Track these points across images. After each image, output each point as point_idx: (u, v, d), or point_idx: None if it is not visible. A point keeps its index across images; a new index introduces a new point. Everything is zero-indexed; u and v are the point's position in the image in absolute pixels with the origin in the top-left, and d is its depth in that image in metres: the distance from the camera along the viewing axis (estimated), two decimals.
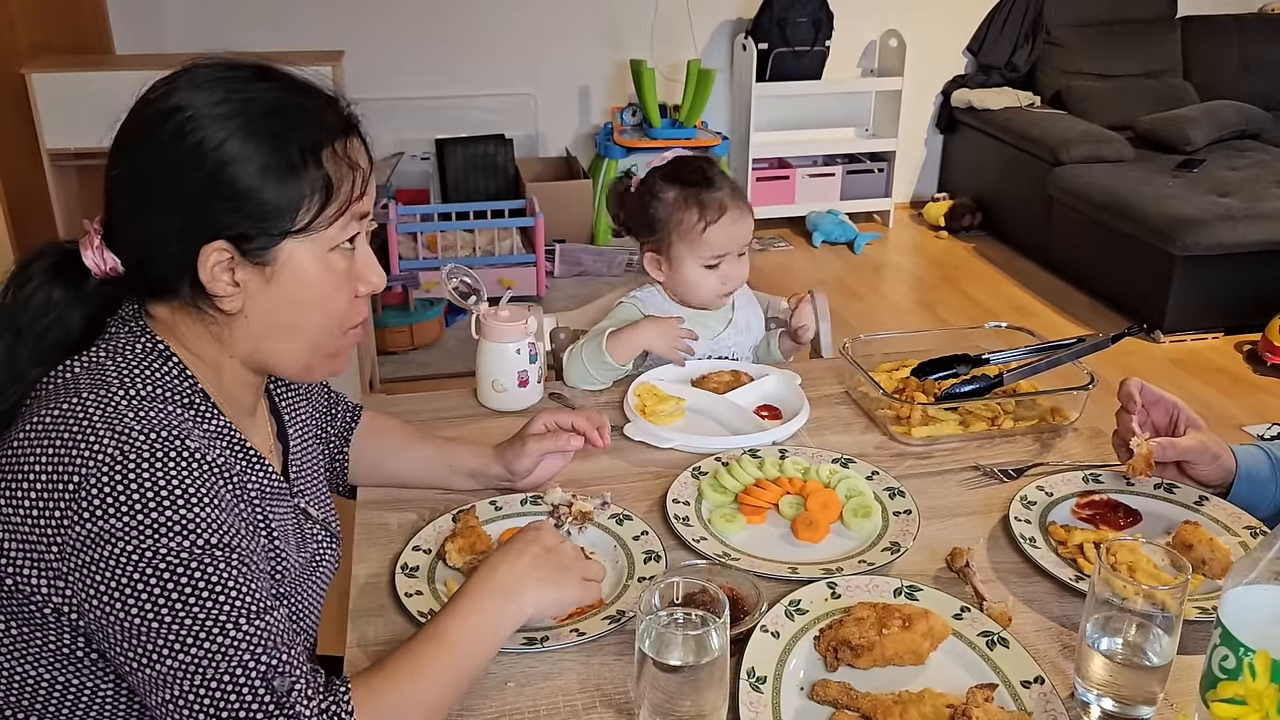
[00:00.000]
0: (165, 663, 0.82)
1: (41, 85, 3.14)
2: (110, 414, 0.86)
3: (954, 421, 1.50)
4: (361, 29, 4.35)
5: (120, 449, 0.83)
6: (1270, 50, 4.89)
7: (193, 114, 0.88)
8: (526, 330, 1.53)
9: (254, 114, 0.90)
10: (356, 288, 0.99)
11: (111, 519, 0.82)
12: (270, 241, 0.91)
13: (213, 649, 0.82)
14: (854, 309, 4.01)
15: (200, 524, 0.84)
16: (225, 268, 0.91)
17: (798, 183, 4.83)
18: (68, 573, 0.84)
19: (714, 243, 1.66)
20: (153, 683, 0.83)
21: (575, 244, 4.36)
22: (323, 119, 0.94)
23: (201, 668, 0.82)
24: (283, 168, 0.90)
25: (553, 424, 1.31)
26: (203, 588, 0.83)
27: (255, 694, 0.82)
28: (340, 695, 0.86)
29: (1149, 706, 0.95)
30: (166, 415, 0.88)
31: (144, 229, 0.92)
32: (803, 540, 1.23)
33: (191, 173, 0.88)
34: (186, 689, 0.82)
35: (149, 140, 0.90)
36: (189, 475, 0.85)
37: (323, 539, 1.12)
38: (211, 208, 0.89)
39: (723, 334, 1.76)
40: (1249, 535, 1.22)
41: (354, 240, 0.97)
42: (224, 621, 0.83)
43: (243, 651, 0.83)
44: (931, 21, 4.85)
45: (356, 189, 0.95)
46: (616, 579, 1.16)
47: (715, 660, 0.89)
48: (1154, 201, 3.82)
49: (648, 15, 4.63)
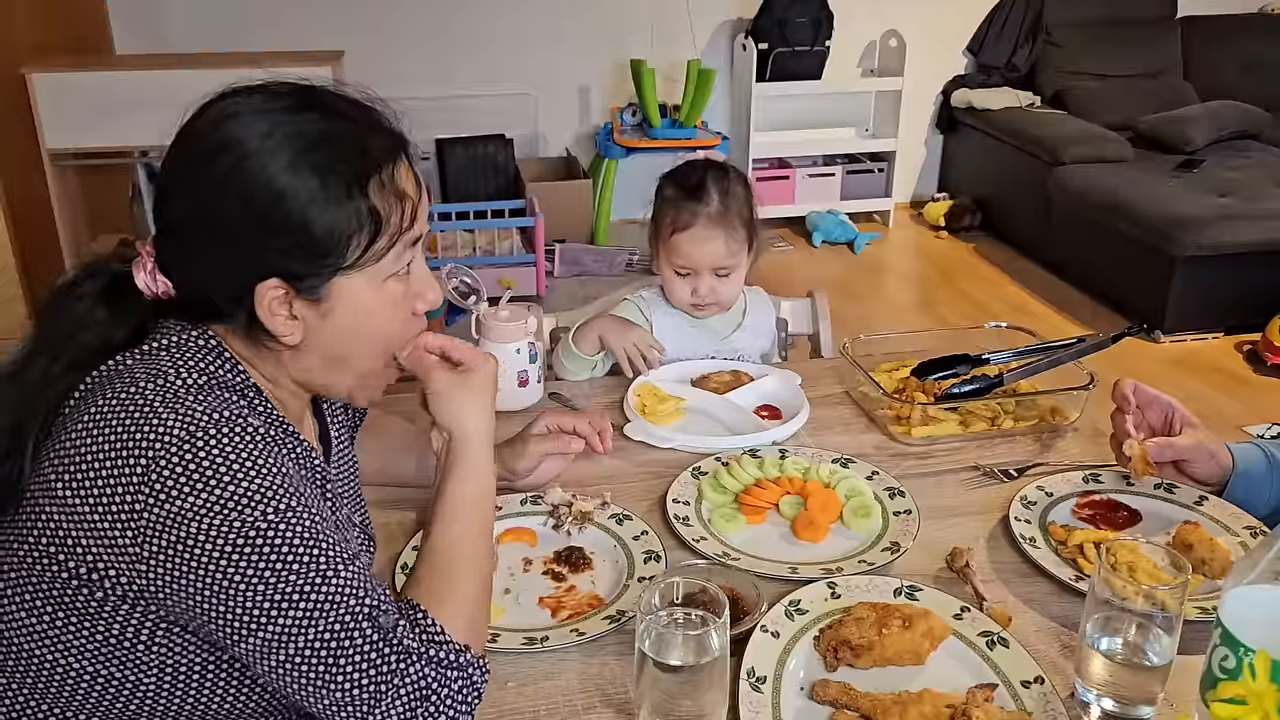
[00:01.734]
0: (274, 625, 0.84)
1: (41, 85, 3.15)
2: (171, 399, 0.87)
3: (954, 421, 1.50)
4: (361, 29, 4.35)
5: (186, 428, 0.84)
6: (1270, 50, 4.88)
7: (240, 150, 0.88)
8: (526, 330, 1.53)
9: (299, 147, 0.89)
10: (414, 305, 0.99)
11: (187, 498, 0.83)
12: (323, 279, 0.91)
13: (319, 599, 0.84)
14: (854, 309, 4.01)
15: (273, 491, 0.85)
16: (282, 303, 0.92)
17: (798, 183, 4.83)
18: (149, 556, 0.84)
19: (678, 251, 1.67)
20: (262, 649, 0.84)
21: (575, 244, 4.36)
22: (368, 146, 0.92)
23: (313, 620, 0.84)
24: (329, 200, 0.89)
25: (555, 426, 1.31)
26: (295, 546, 0.85)
27: (365, 635, 0.85)
28: (422, 618, 0.90)
29: (1149, 706, 0.95)
30: (225, 401, 0.89)
31: (198, 261, 0.93)
32: (803, 540, 1.23)
33: (242, 208, 0.88)
34: (301, 645, 0.84)
35: (198, 173, 0.90)
36: (255, 449, 0.86)
37: (361, 541, 1.12)
38: (264, 245, 0.89)
39: (731, 336, 1.76)
40: (1249, 535, 1.22)
41: (409, 266, 0.97)
42: (324, 571, 0.85)
43: (348, 597, 0.85)
44: (931, 21, 4.85)
45: (405, 219, 0.94)
46: (616, 579, 1.16)
47: (715, 660, 0.89)
48: (1154, 201, 3.82)
49: (648, 15, 4.62)
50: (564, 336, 1.69)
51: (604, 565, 1.19)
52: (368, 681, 0.85)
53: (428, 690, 0.86)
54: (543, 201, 4.08)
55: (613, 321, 1.66)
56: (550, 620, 1.10)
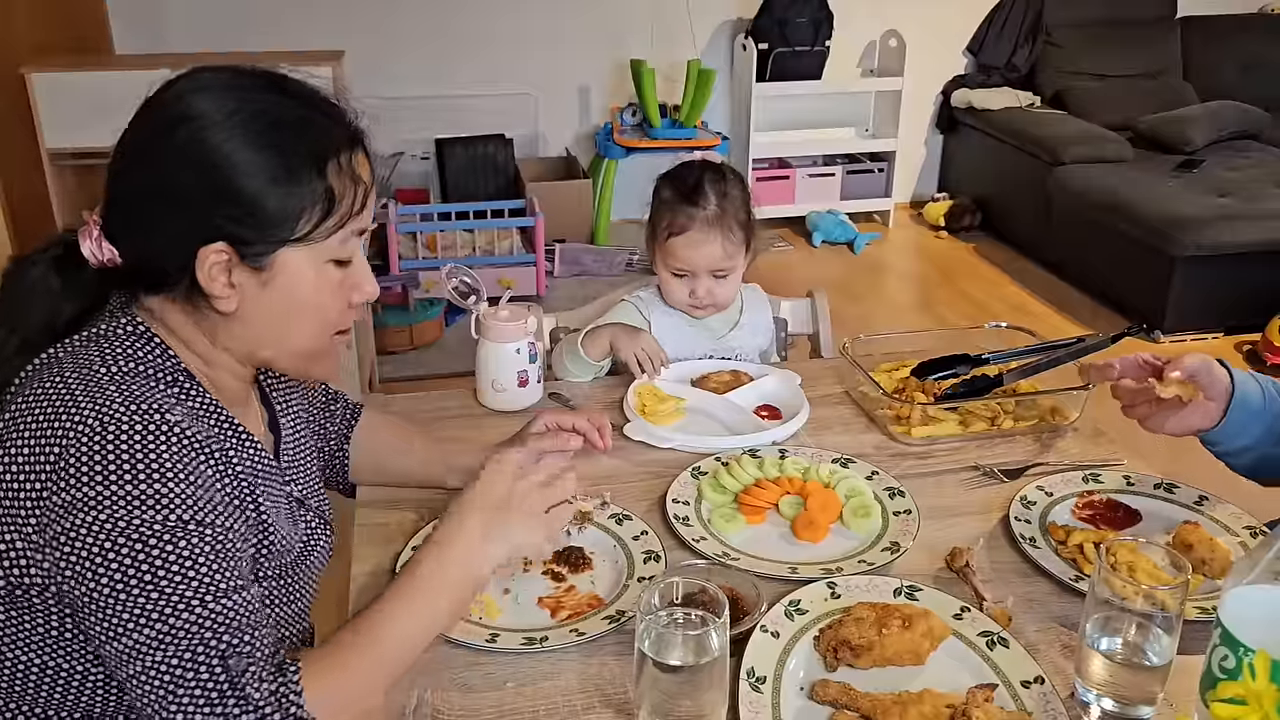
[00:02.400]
0: (131, 636, 0.83)
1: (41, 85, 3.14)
2: (92, 388, 0.87)
3: (954, 421, 1.50)
4: (361, 29, 4.35)
5: (100, 419, 0.85)
6: (1270, 50, 4.88)
7: (203, 121, 0.90)
8: (526, 330, 1.53)
9: (262, 124, 0.91)
10: (351, 297, 1.00)
11: (86, 487, 0.83)
12: (269, 248, 0.93)
13: (176, 625, 0.84)
14: (854, 309, 4.00)
15: (173, 498, 0.85)
16: (223, 269, 0.92)
17: (798, 183, 4.83)
18: (44, 544, 0.85)
19: (675, 254, 1.67)
20: (120, 656, 0.84)
21: (575, 244, 4.36)
22: (329, 132, 0.95)
23: (164, 644, 0.83)
24: (287, 178, 0.91)
25: (553, 424, 1.31)
26: (172, 562, 0.84)
27: (211, 673, 0.83)
28: (290, 676, 0.86)
29: (1149, 706, 0.95)
30: (148, 390, 0.90)
31: (146, 226, 0.94)
32: (803, 540, 1.23)
33: (198, 178, 0.90)
34: (149, 664, 0.83)
35: (159, 142, 0.92)
36: (166, 449, 0.86)
37: (316, 525, 1.13)
38: (214, 212, 0.91)
39: (728, 335, 1.76)
40: (1249, 535, 1.22)
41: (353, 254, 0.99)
42: (189, 598, 0.84)
43: (205, 630, 0.84)
44: (931, 21, 4.85)
45: (357, 203, 0.96)
46: (616, 579, 1.16)
47: (715, 660, 0.89)
48: (1154, 201, 3.81)
49: (648, 15, 4.62)
50: (565, 338, 1.69)
51: (604, 565, 1.19)
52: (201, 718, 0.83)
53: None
54: (543, 201, 4.08)
55: (623, 328, 1.66)
56: (550, 620, 1.10)
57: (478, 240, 4.10)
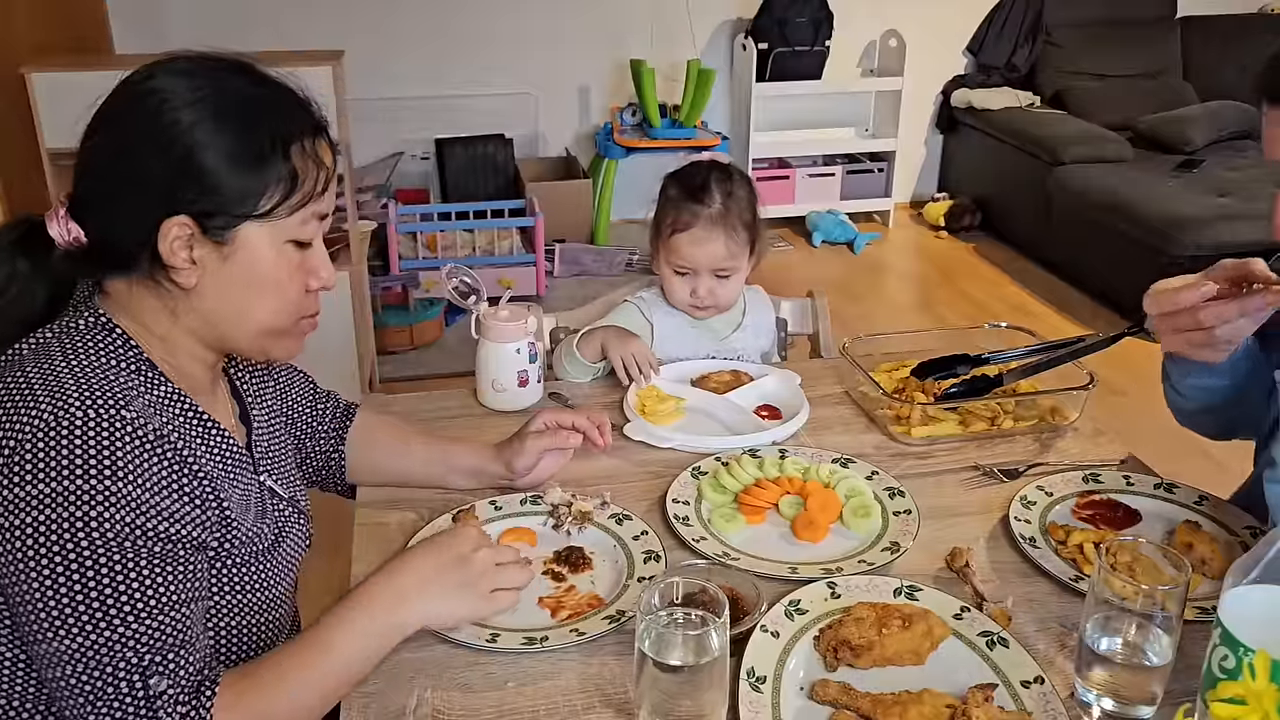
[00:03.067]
0: (62, 642, 0.84)
1: (41, 85, 3.14)
2: (51, 382, 0.88)
3: (954, 421, 1.50)
4: (361, 29, 4.35)
5: (56, 415, 0.85)
6: (1270, 50, 4.87)
7: (169, 98, 0.92)
8: (526, 330, 1.53)
9: (227, 103, 0.94)
10: (309, 281, 1.01)
11: (39, 484, 0.84)
12: (231, 222, 0.94)
13: (99, 639, 0.84)
14: (854, 309, 4.01)
15: (123, 499, 0.85)
16: (185, 244, 0.94)
17: (798, 183, 4.83)
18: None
19: (677, 251, 1.67)
20: (47, 658, 0.85)
21: (575, 244, 4.36)
22: (294, 116, 0.98)
23: (85, 655, 0.84)
24: (249, 155, 0.93)
25: (553, 422, 1.31)
26: (114, 571, 0.85)
27: (130, 690, 0.85)
28: (204, 700, 0.87)
29: (1149, 706, 0.95)
30: (108, 381, 0.90)
31: (111, 202, 0.95)
32: (803, 540, 1.23)
33: (162, 152, 0.92)
34: (69, 672, 0.85)
35: (126, 118, 0.94)
36: (122, 448, 0.86)
37: (290, 515, 1.13)
38: (177, 186, 0.92)
39: (731, 336, 1.76)
40: (1249, 535, 1.22)
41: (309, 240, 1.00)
42: (124, 612, 0.85)
43: (127, 648, 0.85)
44: (931, 21, 4.85)
45: (320, 185, 0.98)
46: (616, 579, 1.16)
47: (715, 660, 0.89)
48: (1154, 201, 3.82)
49: (648, 15, 4.62)
50: (565, 339, 1.69)
51: (604, 565, 1.19)
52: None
53: None
54: (542, 201, 4.08)
55: (615, 331, 1.66)
56: (550, 620, 1.10)
57: (478, 240, 4.10)
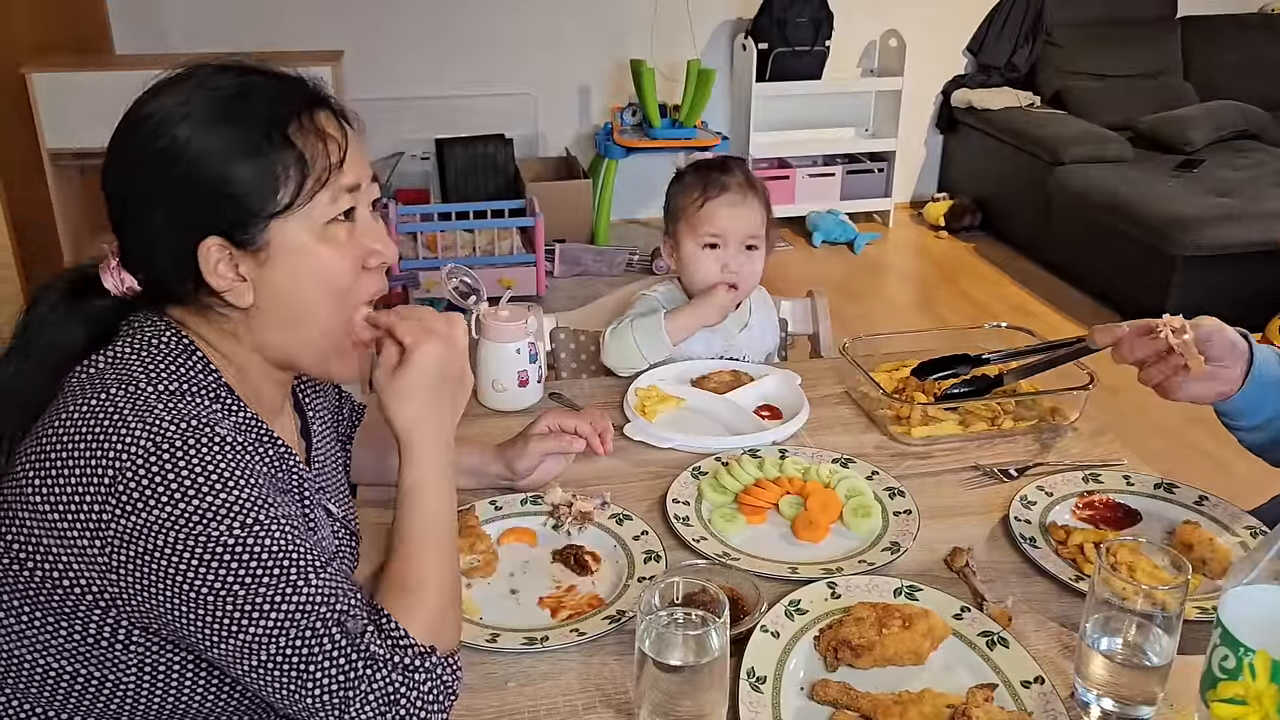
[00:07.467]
0: (244, 634, 0.85)
1: (41, 85, 3.15)
2: (140, 407, 0.86)
3: (954, 421, 1.50)
4: (361, 29, 4.35)
5: (153, 439, 0.84)
6: (1270, 50, 4.88)
7: (159, 118, 0.90)
8: (526, 330, 1.53)
9: (215, 104, 0.91)
10: (365, 260, 0.97)
11: (152, 510, 0.83)
12: (257, 225, 0.91)
13: (289, 609, 0.85)
14: (854, 309, 4.01)
15: (240, 504, 0.85)
16: (228, 264, 0.92)
17: (798, 183, 4.83)
18: (118, 566, 0.84)
19: (709, 217, 1.66)
20: (236, 654, 0.85)
21: (575, 244, 4.35)
22: (283, 94, 0.93)
23: (283, 629, 0.85)
24: (251, 150, 0.90)
25: (556, 425, 1.31)
26: (264, 559, 0.85)
27: (334, 642, 0.86)
28: (385, 621, 0.91)
29: (1149, 706, 0.95)
30: (195, 407, 0.89)
31: (141, 239, 0.93)
32: (803, 540, 1.23)
33: (166, 174, 0.90)
34: (274, 652, 0.85)
35: (126, 152, 0.92)
36: (223, 460, 0.86)
37: (343, 536, 1.12)
38: (192, 205, 0.90)
39: (739, 336, 1.76)
40: (1249, 535, 1.22)
41: (351, 214, 0.96)
42: (294, 580, 0.86)
43: (318, 605, 0.86)
44: (931, 21, 4.85)
45: (333, 158, 0.93)
46: (616, 579, 1.16)
47: (715, 660, 0.89)
48: (1154, 201, 3.82)
49: (648, 15, 4.62)
50: (622, 324, 1.66)
51: (604, 565, 1.19)
52: (337, 687, 0.86)
53: (397, 695, 0.87)
54: (543, 201, 4.08)
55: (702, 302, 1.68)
56: (550, 620, 1.10)
57: (478, 240, 4.09)
